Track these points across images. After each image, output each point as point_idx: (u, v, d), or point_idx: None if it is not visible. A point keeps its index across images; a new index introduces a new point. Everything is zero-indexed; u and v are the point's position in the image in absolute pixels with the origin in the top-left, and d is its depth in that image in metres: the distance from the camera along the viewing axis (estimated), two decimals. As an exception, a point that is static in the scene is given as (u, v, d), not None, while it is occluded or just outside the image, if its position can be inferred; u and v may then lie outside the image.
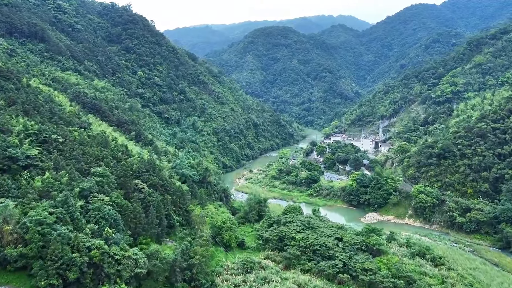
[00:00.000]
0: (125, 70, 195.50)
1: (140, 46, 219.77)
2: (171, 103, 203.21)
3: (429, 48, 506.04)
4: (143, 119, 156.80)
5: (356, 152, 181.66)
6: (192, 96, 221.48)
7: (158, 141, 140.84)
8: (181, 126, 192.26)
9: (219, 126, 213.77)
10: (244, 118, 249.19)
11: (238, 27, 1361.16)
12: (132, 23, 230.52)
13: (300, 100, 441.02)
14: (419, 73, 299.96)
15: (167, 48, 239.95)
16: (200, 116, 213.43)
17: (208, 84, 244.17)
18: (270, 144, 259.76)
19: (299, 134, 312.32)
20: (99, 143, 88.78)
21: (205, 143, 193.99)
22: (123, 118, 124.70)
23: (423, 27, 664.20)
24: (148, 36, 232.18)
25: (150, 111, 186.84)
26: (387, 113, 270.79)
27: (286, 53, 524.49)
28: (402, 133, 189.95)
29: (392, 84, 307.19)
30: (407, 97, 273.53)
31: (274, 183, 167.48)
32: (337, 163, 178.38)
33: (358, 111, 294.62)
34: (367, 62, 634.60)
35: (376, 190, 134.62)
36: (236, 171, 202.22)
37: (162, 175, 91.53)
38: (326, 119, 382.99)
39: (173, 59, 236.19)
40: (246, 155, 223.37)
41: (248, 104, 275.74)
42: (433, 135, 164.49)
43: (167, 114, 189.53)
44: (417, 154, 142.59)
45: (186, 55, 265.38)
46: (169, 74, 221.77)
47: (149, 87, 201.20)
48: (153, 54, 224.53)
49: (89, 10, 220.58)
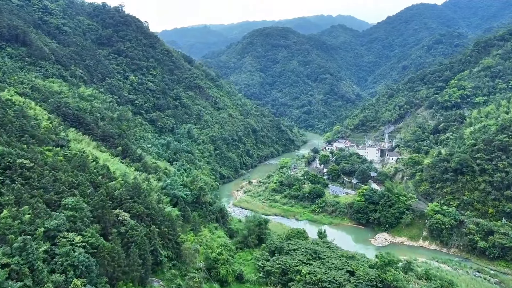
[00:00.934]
0: (116, 75, 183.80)
1: (133, 49, 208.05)
2: (165, 110, 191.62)
3: (432, 49, 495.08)
4: (134, 129, 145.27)
5: (362, 162, 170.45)
6: (188, 101, 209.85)
7: (148, 155, 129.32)
8: (175, 134, 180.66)
9: (216, 133, 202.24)
10: (242, 124, 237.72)
11: (236, 27, 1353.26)
12: (124, 25, 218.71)
13: (300, 102, 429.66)
14: (425, 76, 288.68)
15: (162, 51, 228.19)
16: (196, 123, 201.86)
17: (205, 89, 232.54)
18: (270, 151, 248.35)
19: (300, 139, 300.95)
20: (75, 165, 77.20)
21: (201, 153, 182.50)
22: (109, 131, 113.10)
23: (425, 27, 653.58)
24: (141, 38, 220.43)
25: (143, 119, 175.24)
26: (392, 118, 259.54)
27: (286, 54, 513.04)
28: (410, 141, 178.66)
29: (397, 88, 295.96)
30: (412, 101, 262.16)
31: (275, 196, 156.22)
32: (342, 174, 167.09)
33: (361, 115, 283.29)
34: (368, 63, 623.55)
35: (387, 208, 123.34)
36: (234, 182, 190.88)
37: (148, 202, 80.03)
38: (327, 123, 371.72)
39: (167, 63, 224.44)
40: (245, 163, 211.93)
41: (247, 109, 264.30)
42: (446, 145, 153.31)
43: (161, 122, 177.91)
44: (430, 167, 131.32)
45: (181, 58, 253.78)
46: (163, 79, 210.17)
47: (141, 92, 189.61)
48: (147, 58, 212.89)
49: (79, 11, 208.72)
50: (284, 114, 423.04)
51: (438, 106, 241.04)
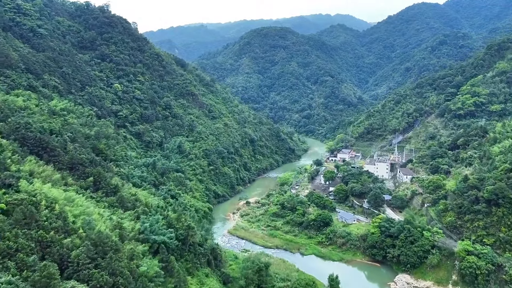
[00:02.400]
0: (98, 83, 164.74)
1: (118, 53, 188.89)
2: (153, 121, 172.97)
3: (436, 50, 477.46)
4: (114, 148, 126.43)
5: (373, 181, 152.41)
6: (179, 111, 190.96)
7: (128, 181, 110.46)
8: (164, 150, 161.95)
9: (210, 146, 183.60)
10: (239, 134, 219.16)
11: (233, 26, 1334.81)
12: (109, 26, 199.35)
13: (299, 106, 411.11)
14: (434, 80, 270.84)
15: (151, 54, 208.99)
16: (188, 135, 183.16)
17: (198, 96, 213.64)
18: (269, 163, 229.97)
19: (300, 147, 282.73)
20: (18, 220, 58.54)
21: (193, 170, 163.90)
22: (79, 157, 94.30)
23: (427, 27, 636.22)
24: (128, 41, 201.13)
25: (127, 133, 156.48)
26: (400, 126, 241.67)
27: (284, 55, 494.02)
28: (425, 157, 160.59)
29: (404, 93, 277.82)
30: (422, 108, 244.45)
31: (275, 223, 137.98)
32: (351, 196, 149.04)
33: (366, 123, 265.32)
34: (369, 64, 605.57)
35: (408, 245, 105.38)
36: (231, 200, 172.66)
37: (116, 263, 61.50)
38: (329, 128, 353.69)
39: (157, 68, 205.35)
40: (242, 178, 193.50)
41: (244, 116, 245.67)
42: (469, 165, 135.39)
43: (148, 136, 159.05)
44: (456, 195, 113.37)
45: (173, 61, 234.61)
46: (152, 86, 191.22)
47: (127, 102, 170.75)
48: (134, 62, 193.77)
49: (58, 11, 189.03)
50: (283, 118, 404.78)
51: (450, 115, 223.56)
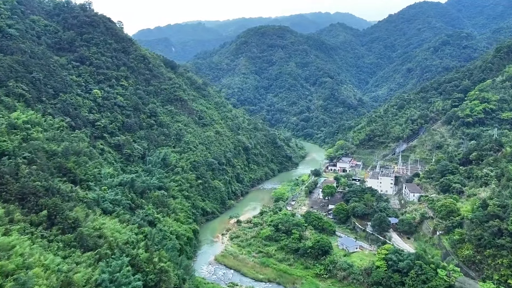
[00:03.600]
0: (75, 89, 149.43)
1: (100, 55, 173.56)
2: (136, 131, 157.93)
3: (438, 51, 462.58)
4: (86, 166, 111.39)
5: (377, 200, 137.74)
6: (166, 119, 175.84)
7: (99, 206, 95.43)
8: (146, 163, 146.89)
9: (199, 158, 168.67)
10: (232, 142, 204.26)
11: (232, 24, 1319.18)
12: (91, 26, 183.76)
13: (298, 108, 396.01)
14: (439, 84, 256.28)
15: (136, 56, 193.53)
16: (175, 145, 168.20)
17: (188, 102, 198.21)
18: (264, 172, 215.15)
19: (298, 154, 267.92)
20: None
21: (179, 185, 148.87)
22: (32, 185, 79.38)
23: (428, 26, 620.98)
24: (111, 42, 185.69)
25: (106, 145, 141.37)
26: (403, 134, 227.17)
27: (282, 55, 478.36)
28: (434, 173, 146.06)
29: (407, 98, 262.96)
30: (427, 114, 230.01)
31: (268, 248, 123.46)
32: (352, 217, 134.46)
33: (368, 129, 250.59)
34: (369, 64, 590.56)
35: (420, 284, 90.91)
36: (220, 218, 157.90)
37: None
38: (328, 132, 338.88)
39: (143, 71, 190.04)
40: (234, 192, 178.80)
41: (238, 122, 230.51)
42: (486, 185, 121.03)
43: (128, 149, 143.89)
44: (474, 224, 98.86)
45: (162, 63, 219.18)
46: (136, 91, 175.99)
47: (107, 110, 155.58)
48: (117, 65, 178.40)
49: (34, 9, 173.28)
50: (281, 121, 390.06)
51: (458, 122, 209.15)
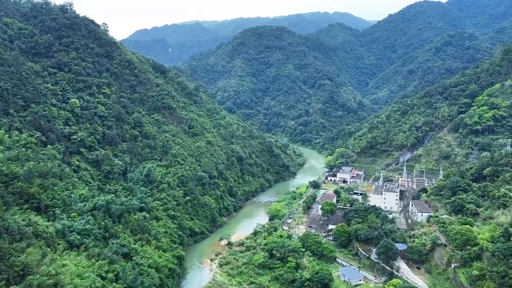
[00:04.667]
0: (50, 99, 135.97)
1: (80, 61, 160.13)
2: (118, 144, 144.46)
3: (440, 52, 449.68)
4: (54, 189, 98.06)
5: (382, 221, 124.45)
6: (152, 129, 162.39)
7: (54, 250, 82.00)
8: (128, 180, 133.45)
9: (188, 172, 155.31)
10: (225, 153, 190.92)
11: (229, 24, 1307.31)
12: (71, 29, 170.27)
13: (296, 112, 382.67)
14: (445, 89, 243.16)
15: (121, 61, 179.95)
16: (161, 158, 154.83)
17: (177, 110, 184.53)
18: (259, 184, 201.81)
19: (296, 162, 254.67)
20: None
21: (164, 203, 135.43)
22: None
23: (429, 26, 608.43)
24: (93, 46, 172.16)
25: (83, 160, 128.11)
26: (407, 142, 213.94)
27: (280, 57, 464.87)
28: (444, 190, 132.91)
29: (411, 103, 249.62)
30: (432, 121, 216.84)
31: (261, 278, 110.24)
32: (355, 240, 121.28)
33: (369, 136, 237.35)
34: (369, 65, 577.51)
35: (436, 333, 77.61)
36: (210, 238, 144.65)
37: None
38: (327, 138, 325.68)
39: (128, 77, 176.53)
40: (226, 207, 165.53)
41: (232, 130, 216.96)
42: (503, 206, 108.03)
43: (107, 165, 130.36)
44: (496, 258, 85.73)
45: (150, 68, 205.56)
46: (120, 99, 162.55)
47: (86, 121, 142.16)
48: (99, 72, 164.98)
49: (8, 11, 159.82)
50: (278, 126, 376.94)
51: (466, 130, 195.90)
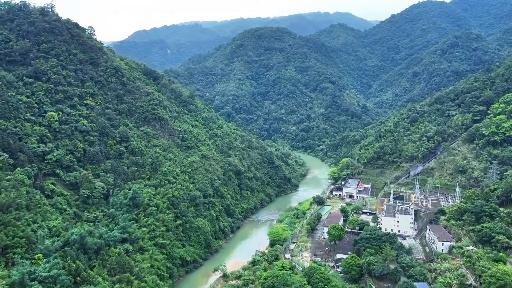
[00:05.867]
0: (22, 113, 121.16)
1: (60, 69, 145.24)
2: (101, 162, 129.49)
3: (447, 53, 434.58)
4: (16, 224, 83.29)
5: (399, 252, 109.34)
6: (140, 144, 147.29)
7: None
8: (111, 205, 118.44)
9: (179, 192, 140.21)
10: (222, 167, 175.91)
11: (229, 24, 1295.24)
12: (51, 33, 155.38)
13: (297, 117, 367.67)
14: (456, 95, 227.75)
15: (107, 68, 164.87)
16: (150, 177, 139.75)
17: (169, 121, 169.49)
18: (259, 199, 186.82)
19: (298, 172, 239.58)
20: None
21: (152, 230, 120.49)
22: None
23: (433, 27, 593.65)
24: (76, 53, 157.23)
25: (59, 184, 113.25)
26: (418, 153, 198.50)
27: (281, 59, 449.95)
28: (467, 214, 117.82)
29: (420, 109, 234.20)
30: (445, 131, 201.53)
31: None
32: (367, 275, 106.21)
33: (376, 145, 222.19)
34: (372, 67, 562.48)
35: None
36: (204, 267, 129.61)
37: None
38: (330, 145, 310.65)
39: (115, 86, 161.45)
40: (223, 229, 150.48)
41: (229, 141, 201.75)
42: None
43: (87, 188, 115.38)
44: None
45: (141, 74, 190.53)
46: (105, 111, 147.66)
47: (66, 136, 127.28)
48: (82, 81, 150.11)
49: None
50: (279, 131, 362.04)
51: (482, 141, 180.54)
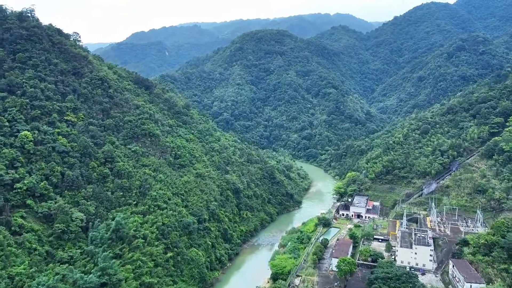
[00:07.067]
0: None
1: (38, 81, 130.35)
2: (81, 188, 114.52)
3: (453, 57, 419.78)
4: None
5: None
6: (127, 165, 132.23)
7: None
8: (91, 240, 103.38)
9: (170, 219, 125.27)
10: (219, 185, 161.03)
11: (229, 26, 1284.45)
12: (29, 41, 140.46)
13: (299, 124, 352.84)
14: (470, 105, 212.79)
15: (92, 79, 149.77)
16: (137, 203, 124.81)
17: (160, 137, 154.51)
18: (259, 219, 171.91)
19: (301, 187, 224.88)
20: None
21: (138, 267, 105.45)
22: None
23: (438, 29, 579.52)
24: (57, 62, 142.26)
25: (30, 217, 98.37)
26: (431, 168, 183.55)
27: (281, 63, 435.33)
28: (496, 249, 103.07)
29: (432, 120, 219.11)
30: (460, 144, 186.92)
31: None
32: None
33: (385, 159, 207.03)
34: (374, 71, 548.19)
35: None
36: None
37: None
38: (334, 155, 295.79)
39: (100, 99, 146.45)
40: (219, 258, 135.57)
41: (227, 155, 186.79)
42: None
43: (62, 221, 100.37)
44: None
45: (132, 84, 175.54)
46: (88, 127, 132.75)
47: (41, 159, 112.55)
48: (63, 94, 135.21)
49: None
50: (280, 139, 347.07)
51: (502, 157, 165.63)
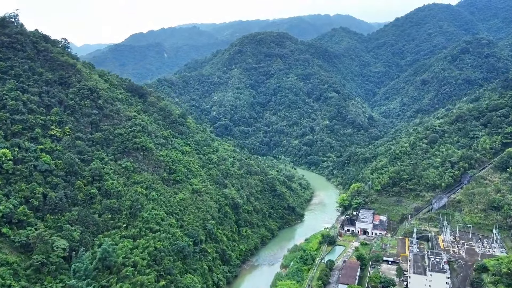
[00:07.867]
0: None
1: (20, 93, 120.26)
2: (65, 211, 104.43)
3: (457, 60, 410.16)
4: None
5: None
6: (117, 183, 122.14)
7: None
8: (74, 272, 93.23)
9: (163, 243, 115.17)
10: (216, 201, 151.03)
11: (228, 27, 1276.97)
12: (11, 49, 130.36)
13: (300, 130, 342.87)
14: (481, 112, 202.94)
15: (81, 89, 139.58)
16: (127, 226, 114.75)
17: (154, 151, 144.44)
18: (259, 236, 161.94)
19: (303, 198, 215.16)
20: None
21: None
22: None
23: (440, 31, 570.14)
24: (42, 71, 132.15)
25: (7, 247, 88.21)
26: (441, 181, 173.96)
27: (281, 66, 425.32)
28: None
29: (440, 128, 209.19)
30: (471, 155, 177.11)
31: None
32: None
33: (391, 169, 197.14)
34: (376, 73, 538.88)
35: None
36: None
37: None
38: (337, 163, 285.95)
39: (88, 111, 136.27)
40: (216, 283, 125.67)
41: (226, 168, 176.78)
42: None
43: (40, 252, 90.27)
44: None
45: (124, 93, 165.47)
46: (75, 142, 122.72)
47: (21, 179, 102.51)
48: (47, 106, 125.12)
49: None
50: (280, 145, 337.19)
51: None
